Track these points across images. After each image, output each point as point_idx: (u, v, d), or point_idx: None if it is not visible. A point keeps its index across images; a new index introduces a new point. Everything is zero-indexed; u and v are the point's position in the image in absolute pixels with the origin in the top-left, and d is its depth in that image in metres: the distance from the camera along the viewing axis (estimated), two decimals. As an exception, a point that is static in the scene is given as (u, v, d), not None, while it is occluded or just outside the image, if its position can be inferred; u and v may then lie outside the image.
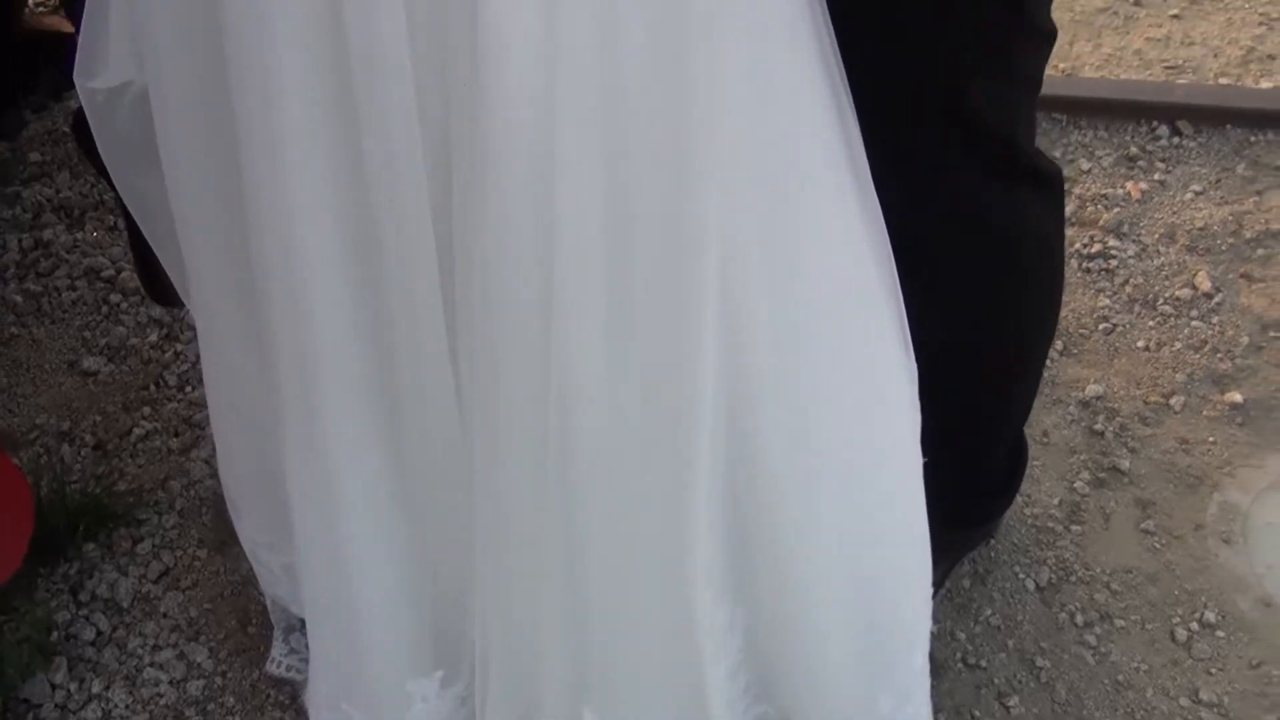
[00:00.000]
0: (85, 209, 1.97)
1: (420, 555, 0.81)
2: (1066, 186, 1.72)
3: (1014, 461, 1.20)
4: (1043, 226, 0.88)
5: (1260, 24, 1.92)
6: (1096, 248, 1.63)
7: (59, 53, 1.97)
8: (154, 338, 1.70)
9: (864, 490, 0.85)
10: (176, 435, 1.55)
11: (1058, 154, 1.77)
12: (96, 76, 0.75)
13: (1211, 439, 1.41)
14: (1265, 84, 1.81)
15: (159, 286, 1.29)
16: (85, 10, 0.72)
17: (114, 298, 1.78)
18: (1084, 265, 1.62)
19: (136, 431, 1.56)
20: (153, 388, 1.63)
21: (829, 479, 0.81)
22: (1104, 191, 1.70)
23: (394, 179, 0.61)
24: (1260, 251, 1.59)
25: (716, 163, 0.63)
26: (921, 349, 0.82)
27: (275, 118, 0.60)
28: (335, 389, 0.69)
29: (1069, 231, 1.66)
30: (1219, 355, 1.48)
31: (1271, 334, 1.50)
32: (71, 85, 2.42)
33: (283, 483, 0.84)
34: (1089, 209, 1.69)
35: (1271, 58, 1.86)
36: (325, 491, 0.75)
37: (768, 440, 0.76)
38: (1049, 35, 0.78)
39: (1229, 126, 1.73)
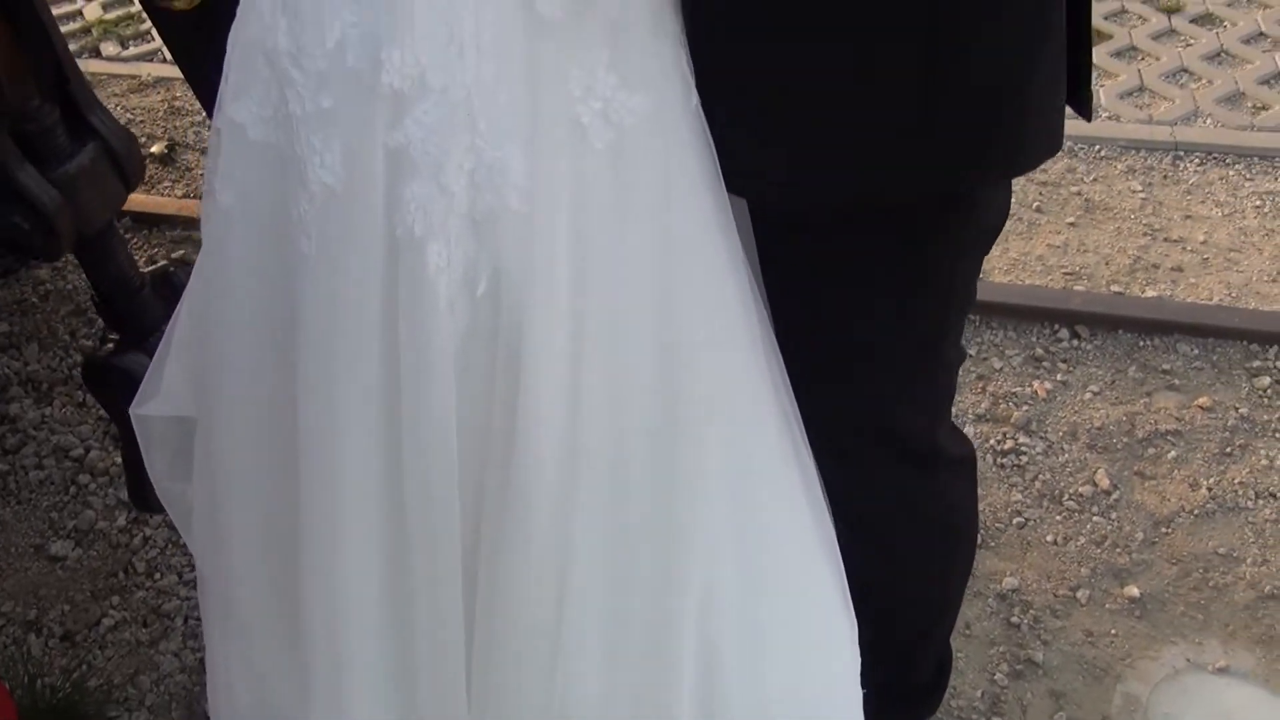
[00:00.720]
0: (54, 383, 2.02)
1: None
2: (981, 384, 1.92)
3: (940, 668, 1.33)
4: (959, 499, 1.04)
5: (1145, 234, 2.17)
6: (1009, 444, 1.80)
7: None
8: (122, 521, 1.75)
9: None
10: (145, 626, 1.60)
11: (973, 351, 1.96)
12: (147, 404, 0.87)
13: (1114, 631, 1.56)
14: (1150, 292, 2.04)
15: (146, 496, 1.36)
16: (155, 355, 0.83)
17: (82, 478, 1.83)
18: (998, 461, 1.79)
19: (105, 622, 1.60)
20: (121, 575, 1.67)
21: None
22: (1014, 390, 1.89)
23: (432, 526, 0.74)
24: (1151, 451, 1.78)
25: (702, 509, 0.77)
26: (861, 593, 0.95)
27: (336, 492, 0.73)
28: (361, 683, 0.79)
29: (985, 428, 1.84)
30: (1118, 550, 1.65)
31: (1162, 530, 1.67)
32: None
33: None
34: (1001, 406, 1.87)
35: (1155, 266, 2.10)
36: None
37: (735, 709, 0.87)
38: (960, 359, 0.94)
39: (1120, 332, 1.94)
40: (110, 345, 1.23)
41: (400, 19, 0.65)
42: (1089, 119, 0.82)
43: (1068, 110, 0.80)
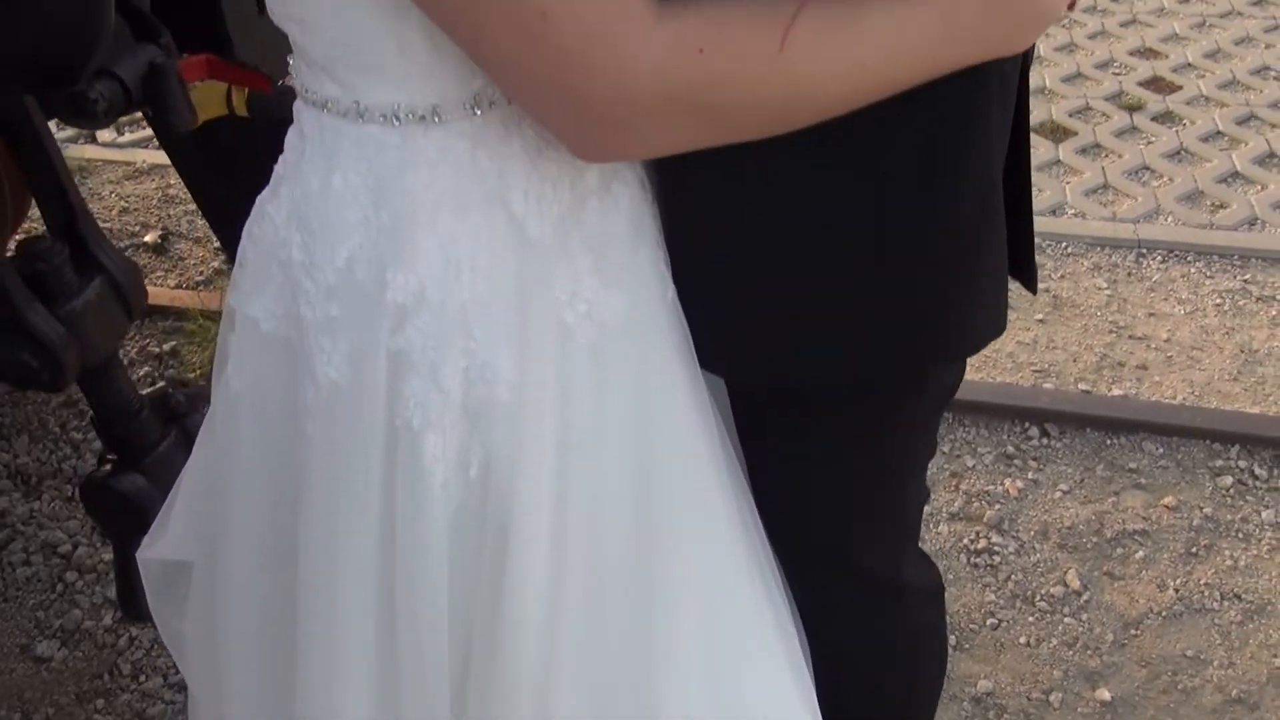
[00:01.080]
0: (43, 476, 2.03)
1: None
2: (954, 482, 1.97)
3: (916, 781, 1.35)
4: (927, 627, 1.08)
5: (1110, 332, 2.24)
6: (982, 543, 1.85)
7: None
8: (108, 620, 1.77)
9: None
10: (130, 730, 1.61)
11: (946, 449, 2.02)
12: (153, 547, 0.91)
13: (1085, 735, 1.59)
14: (1116, 390, 2.11)
15: (138, 606, 1.38)
16: (165, 503, 0.88)
17: (70, 575, 1.84)
18: (972, 560, 1.83)
19: (90, 727, 1.60)
20: (106, 677, 1.68)
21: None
22: (986, 488, 1.94)
23: (423, 688, 0.78)
24: (1119, 551, 1.83)
25: (677, 661, 0.82)
26: (833, 713, 0.99)
27: (332, 653, 0.77)
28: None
29: (958, 527, 1.89)
30: (1089, 652, 1.69)
31: (1132, 632, 1.72)
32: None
33: None
34: (974, 505, 1.92)
35: (1121, 365, 2.17)
36: None
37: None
38: (925, 500, 1.00)
39: (1088, 430, 2.01)
40: (108, 466, 1.26)
41: (403, 245, 0.71)
42: (1034, 292, 0.89)
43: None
